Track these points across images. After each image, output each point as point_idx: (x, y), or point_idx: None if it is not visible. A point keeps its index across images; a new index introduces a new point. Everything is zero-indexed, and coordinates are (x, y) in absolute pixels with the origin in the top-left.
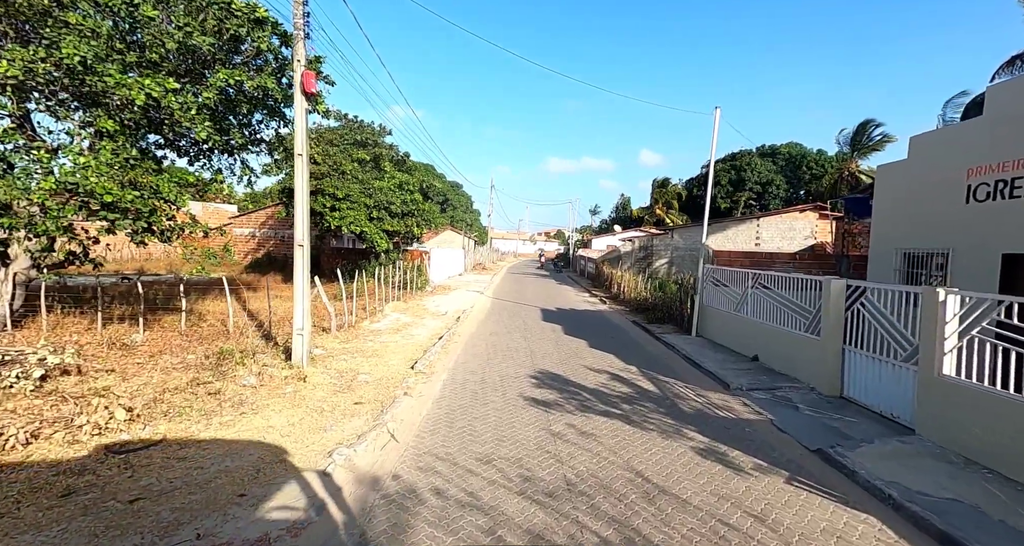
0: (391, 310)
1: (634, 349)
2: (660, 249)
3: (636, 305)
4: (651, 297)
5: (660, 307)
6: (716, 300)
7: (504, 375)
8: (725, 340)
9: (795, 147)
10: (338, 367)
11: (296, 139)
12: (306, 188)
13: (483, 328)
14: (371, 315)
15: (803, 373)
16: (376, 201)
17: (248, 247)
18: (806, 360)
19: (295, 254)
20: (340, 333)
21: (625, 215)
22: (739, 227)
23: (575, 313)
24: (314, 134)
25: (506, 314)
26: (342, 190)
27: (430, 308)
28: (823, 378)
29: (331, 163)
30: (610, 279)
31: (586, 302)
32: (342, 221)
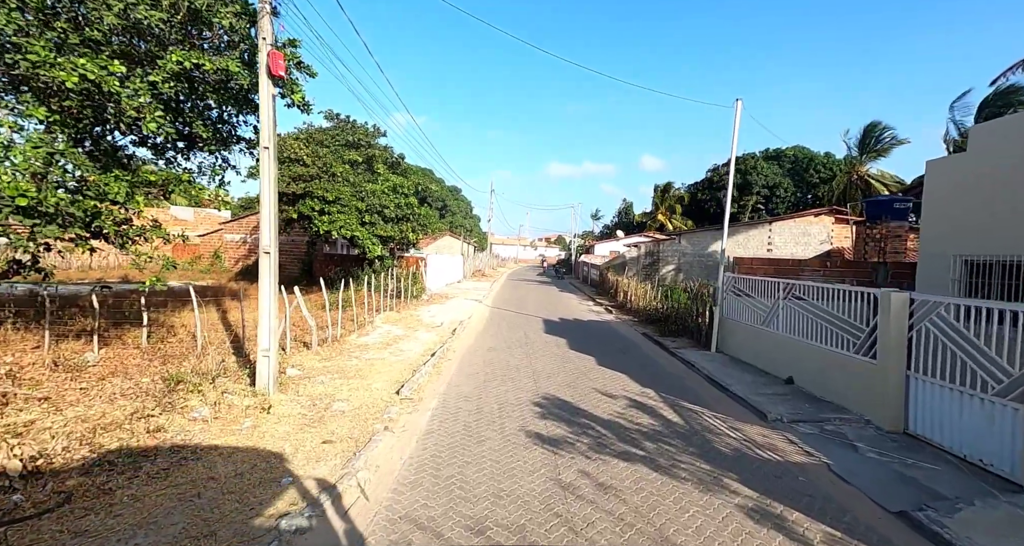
0: (382, 321)
1: (649, 367)
2: (667, 255)
3: (645, 315)
4: (662, 307)
5: (673, 318)
6: (739, 312)
7: (503, 402)
8: (751, 357)
9: (801, 150)
10: (312, 392)
11: (262, 129)
12: (273, 187)
13: (481, 342)
14: (360, 327)
15: (853, 402)
16: (368, 205)
17: (239, 253)
18: (857, 387)
19: (260, 263)
20: (323, 348)
21: (627, 220)
22: (750, 232)
23: (580, 324)
24: (304, 135)
25: (506, 325)
26: (332, 193)
27: (424, 319)
28: (881, 410)
29: (321, 165)
30: (615, 287)
31: (591, 311)
32: (331, 226)
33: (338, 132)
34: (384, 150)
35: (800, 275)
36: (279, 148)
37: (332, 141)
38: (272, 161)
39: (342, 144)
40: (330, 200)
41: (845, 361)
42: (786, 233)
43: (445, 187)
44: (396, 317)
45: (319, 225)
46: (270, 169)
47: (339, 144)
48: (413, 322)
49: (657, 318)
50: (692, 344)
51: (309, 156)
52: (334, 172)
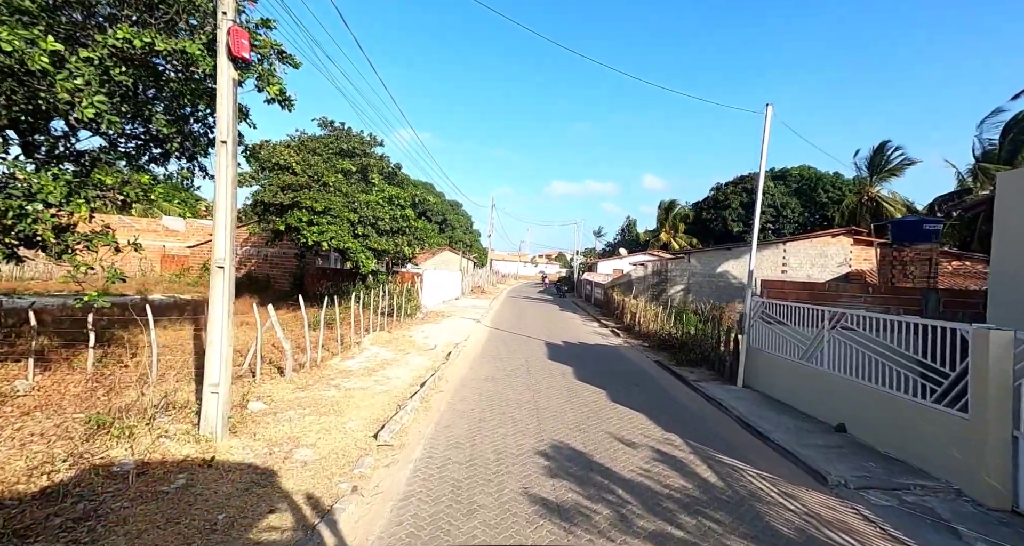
0: (371, 343)
1: (669, 405)
2: (676, 275)
3: (657, 340)
4: (676, 332)
5: (690, 346)
6: (770, 342)
7: (501, 450)
8: (787, 396)
9: (807, 170)
10: (274, 434)
11: (219, 120)
12: (231, 189)
13: (477, 370)
14: (345, 350)
15: (936, 465)
16: (361, 216)
17: None
18: (940, 445)
19: (212, 279)
20: (299, 375)
21: (631, 238)
22: (763, 252)
23: (586, 349)
24: (295, 142)
25: (505, 349)
26: (321, 203)
27: (417, 340)
28: (979, 479)
29: (311, 173)
30: (622, 307)
31: (596, 334)
32: (321, 237)
33: (332, 140)
34: (380, 159)
35: (837, 301)
36: (268, 155)
37: (325, 149)
38: (231, 158)
39: (335, 152)
40: (319, 210)
41: (919, 411)
42: (801, 254)
43: (445, 201)
44: (387, 338)
45: (307, 235)
46: (227, 168)
47: (332, 152)
48: (404, 344)
49: (671, 344)
50: (713, 376)
51: (299, 164)
52: (325, 181)
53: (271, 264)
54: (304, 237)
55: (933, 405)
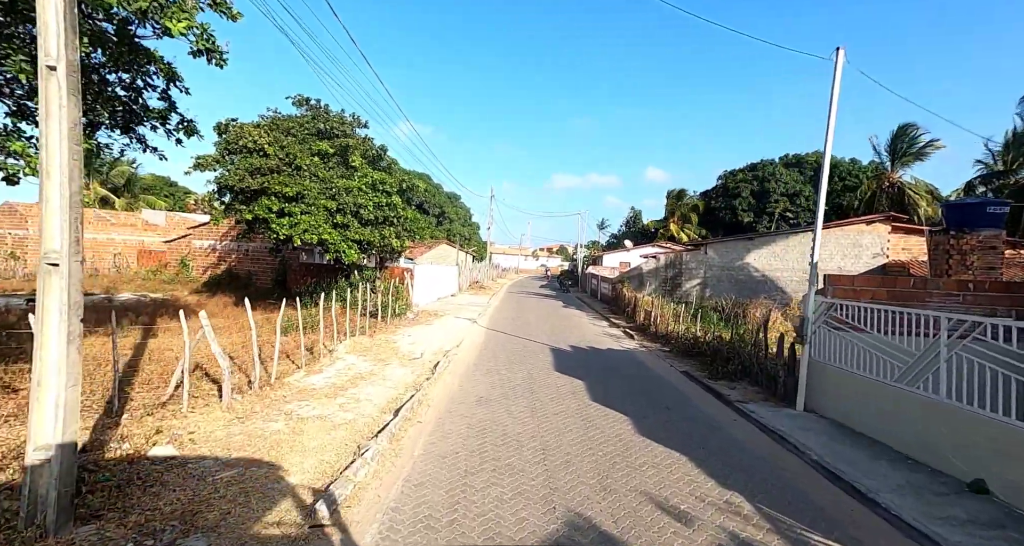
0: (346, 351)
1: (716, 440)
2: (691, 267)
3: (680, 344)
4: (705, 335)
5: (725, 354)
6: (844, 355)
7: (494, 533)
8: (875, 429)
9: (822, 156)
10: (156, 510)
11: (42, 29)
12: (67, 141)
13: (468, 387)
14: (312, 361)
15: None
16: (341, 204)
17: (208, 262)
18: None
19: (40, 283)
20: (245, 398)
21: (636, 230)
22: (788, 241)
23: (597, 356)
24: (266, 122)
25: (503, 358)
26: (292, 188)
27: (402, 347)
28: None
29: (283, 156)
30: (634, 305)
31: (606, 335)
32: (293, 229)
33: (308, 120)
34: (364, 141)
35: (927, 301)
36: (236, 136)
37: (300, 130)
38: (65, 93)
39: (312, 133)
40: (290, 196)
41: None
42: (831, 244)
43: (442, 193)
44: (367, 344)
45: (277, 228)
46: (60, 109)
47: (308, 133)
48: (386, 351)
49: (699, 350)
50: (760, 394)
51: (271, 146)
52: (299, 165)
53: (252, 259)
54: (274, 230)
55: None
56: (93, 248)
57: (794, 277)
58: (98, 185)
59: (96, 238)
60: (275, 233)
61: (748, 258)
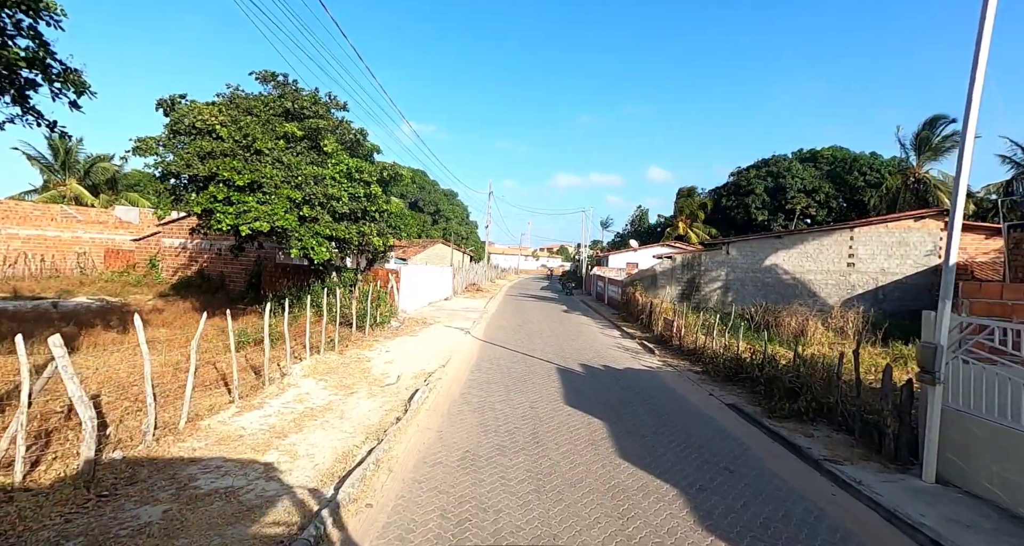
0: (304, 373)
1: (815, 536)
2: (711, 269)
3: (717, 366)
4: (752, 355)
5: (786, 382)
6: (1003, 402)
7: None
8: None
9: (839, 150)
10: None
11: None
12: None
13: (450, 434)
14: (253, 391)
15: None
16: (308, 194)
17: (178, 262)
18: None
19: None
20: (130, 455)
21: (643, 229)
22: (823, 241)
23: (616, 379)
24: (224, 101)
25: (499, 382)
26: (245, 175)
27: (376, 367)
28: None
29: (239, 138)
30: (649, 311)
31: (621, 349)
32: (240, 218)
33: (273, 99)
34: (342, 123)
35: None
36: (182, 115)
37: (264, 110)
38: None
39: (278, 114)
40: (241, 185)
41: None
42: (873, 242)
43: (438, 189)
44: (333, 363)
45: (222, 218)
46: None
47: (274, 114)
48: (354, 374)
49: (745, 374)
50: (853, 446)
51: (225, 127)
52: (259, 148)
53: (225, 260)
54: (218, 220)
55: None
56: (56, 247)
57: (829, 280)
58: (75, 182)
59: (60, 236)
60: (218, 223)
61: (776, 259)
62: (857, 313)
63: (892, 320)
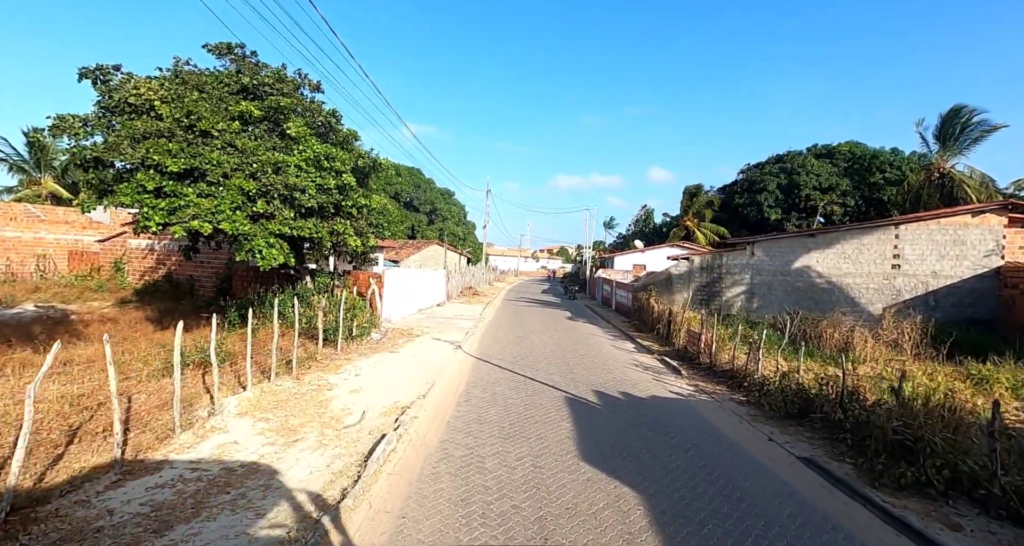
0: (241, 409)
1: None
2: (733, 272)
3: (771, 397)
4: (823, 386)
5: (893, 434)
6: None
7: None
8: None
9: (857, 146)
10: None
11: None
12: None
13: (417, 523)
14: (159, 442)
15: None
16: (265, 185)
17: (145, 265)
18: None
19: None
20: None
21: (648, 229)
22: (863, 239)
23: (642, 415)
24: (166, 76)
25: (493, 421)
26: (181, 159)
27: (339, 397)
28: None
29: (181, 116)
30: (668, 321)
31: (640, 368)
32: (174, 217)
33: (230, 75)
34: (312, 103)
35: None
36: (114, 89)
37: (218, 86)
38: None
39: (234, 91)
40: (177, 172)
41: None
42: (922, 241)
43: (434, 188)
44: (285, 392)
45: (150, 214)
46: None
47: (230, 91)
48: (308, 409)
49: (820, 414)
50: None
51: (165, 103)
52: (205, 129)
53: (195, 263)
54: (145, 216)
55: None
56: (16, 248)
57: (871, 284)
58: (50, 180)
59: (20, 237)
60: (145, 220)
61: (808, 260)
62: (913, 323)
63: (948, 330)
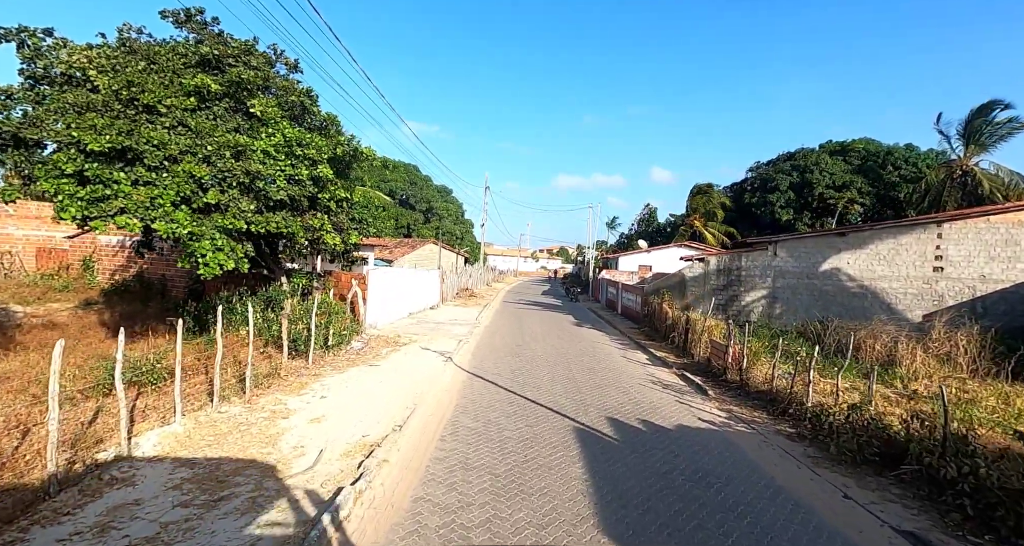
0: (164, 446)
1: None
2: (753, 274)
3: (834, 433)
4: (914, 427)
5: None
6: None
7: None
8: None
9: (871, 143)
10: None
11: None
12: None
13: None
14: (46, 496)
15: None
16: (221, 171)
17: (116, 263)
18: None
19: None
20: None
21: (653, 229)
22: (899, 239)
23: (672, 453)
24: (114, 42)
25: (484, 467)
26: (107, 136)
27: (295, 427)
28: None
29: (120, 88)
30: (684, 330)
31: (658, 385)
32: (95, 209)
33: (188, 45)
34: (286, 81)
35: None
36: (35, 56)
37: (174, 58)
38: None
39: (193, 64)
40: (100, 152)
41: None
42: (969, 241)
43: (431, 185)
44: (229, 422)
45: (67, 204)
46: None
47: (187, 64)
48: (252, 445)
49: (918, 466)
50: None
51: (102, 73)
52: (149, 104)
53: (168, 262)
54: (60, 205)
55: None
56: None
57: (909, 289)
58: None
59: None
60: (61, 209)
61: (837, 262)
62: (970, 334)
63: (1006, 341)
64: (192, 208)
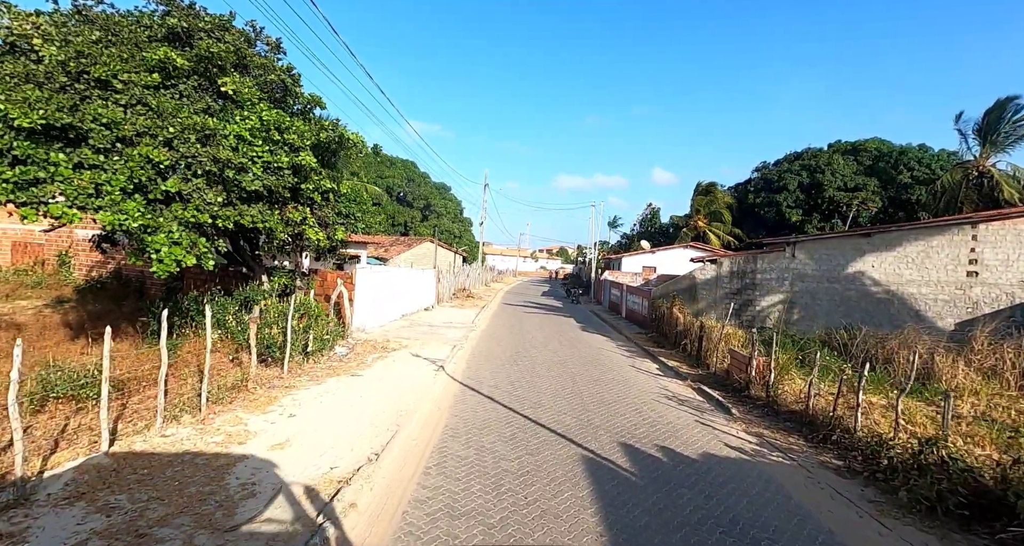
0: (72, 488)
1: None
2: (769, 277)
3: (901, 473)
4: (1005, 475)
5: None
6: None
7: None
8: None
9: (883, 143)
10: None
11: None
12: None
13: None
14: None
15: None
16: (184, 157)
17: (93, 258)
18: None
19: None
20: None
21: (653, 229)
22: (930, 241)
23: (701, 493)
24: (70, 11)
25: (475, 514)
26: (39, 110)
27: (246, 463)
28: None
29: (67, 60)
30: (698, 337)
31: (673, 401)
32: (22, 194)
33: (154, 17)
34: (264, 59)
35: None
36: None
37: (138, 30)
38: None
39: (159, 38)
40: (32, 129)
41: None
42: (1008, 243)
43: (428, 182)
44: (174, 447)
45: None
46: None
47: (153, 37)
48: (188, 484)
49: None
50: None
51: (48, 42)
52: (102, 78)
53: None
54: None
55: None
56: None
57: (940, 295)
58: None
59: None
60: None
61: (861, 265)
62: (1019, 346)
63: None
64: (148, 198)
